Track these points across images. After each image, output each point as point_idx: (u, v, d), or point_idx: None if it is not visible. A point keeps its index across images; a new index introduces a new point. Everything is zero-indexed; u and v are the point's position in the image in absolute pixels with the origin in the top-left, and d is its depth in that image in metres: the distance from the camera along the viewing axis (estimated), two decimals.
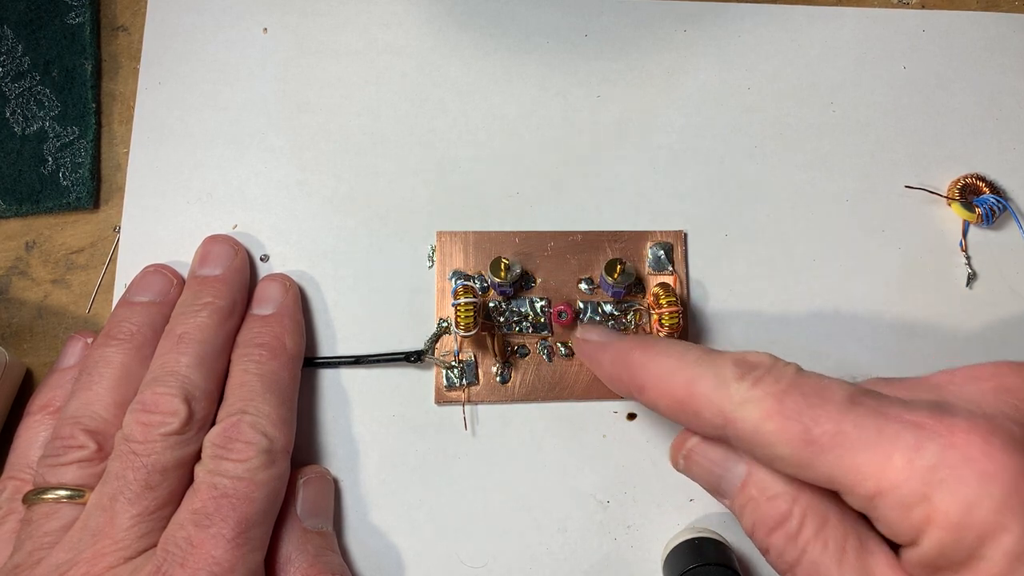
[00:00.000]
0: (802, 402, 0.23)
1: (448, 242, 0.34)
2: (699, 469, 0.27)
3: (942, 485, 0.20)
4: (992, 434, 0.20)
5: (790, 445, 0.22)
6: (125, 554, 0.26)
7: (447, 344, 0.33)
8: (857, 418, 0.22)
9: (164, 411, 0.28)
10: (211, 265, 0.32)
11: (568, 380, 0.33)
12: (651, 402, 0.26)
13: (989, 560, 0.20)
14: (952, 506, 0.20)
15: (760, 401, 0.23)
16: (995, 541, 0.20)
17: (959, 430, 0.21)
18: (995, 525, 0.20)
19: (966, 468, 0.20)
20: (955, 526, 0.20)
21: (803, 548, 0.24)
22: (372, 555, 0.31)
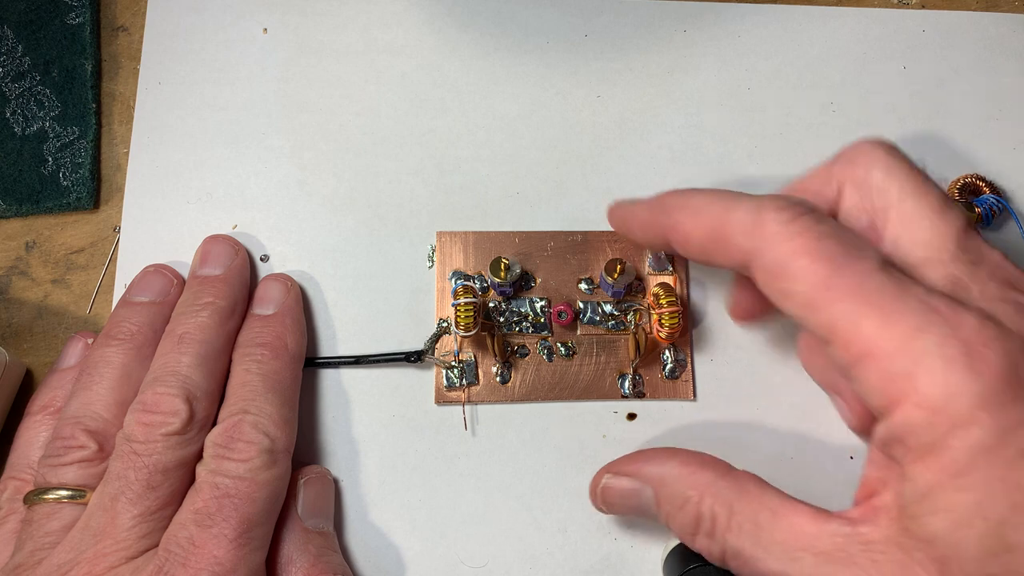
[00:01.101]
0: (838, 249, 0.23)
1: (448, 242, 0.34)
2: (616, 500, 0.29)
3: (931, 369, 0.21)
4: (995, 339, 0.21)
5: (811, 285, 0.23)
6: (127, 554, 0.26)
7: (447, 344, 0.33)
8: (881, 282, 0.22)
9: (165, 411, 0.28)
10: (212, 265, 0.32)
11: (568, 380, 0.33)
12: (684, 237, 0.27)
13: (953, 449, 0.20)
14: (934, 390, 0.21)
15: (797, 236, 0.24)
16: (964, 432, 0.20)
17: (967, 326, 0.21)
18: (969, 418, 0.20)
19: (959, 361, 0.21)
20: (930, 408, 0.21)
21: (722, 541, 0.25)
22: (372, 555, 0.31)
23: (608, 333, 0.33)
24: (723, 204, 0.26)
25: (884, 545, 0.22)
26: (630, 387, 0.33)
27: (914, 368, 0.21)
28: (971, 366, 0.21)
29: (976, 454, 0.20)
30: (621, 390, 0.33)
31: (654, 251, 0.34)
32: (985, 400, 0.20)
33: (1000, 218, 0.35)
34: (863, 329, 0.22)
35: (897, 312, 0.22)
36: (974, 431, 0.20)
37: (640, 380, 0.33)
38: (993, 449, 0.20)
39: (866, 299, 0.22)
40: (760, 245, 0.24)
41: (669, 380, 0.33)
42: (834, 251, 0.23)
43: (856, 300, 0.22)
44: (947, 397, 0.21)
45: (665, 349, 0.33)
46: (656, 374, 0.33)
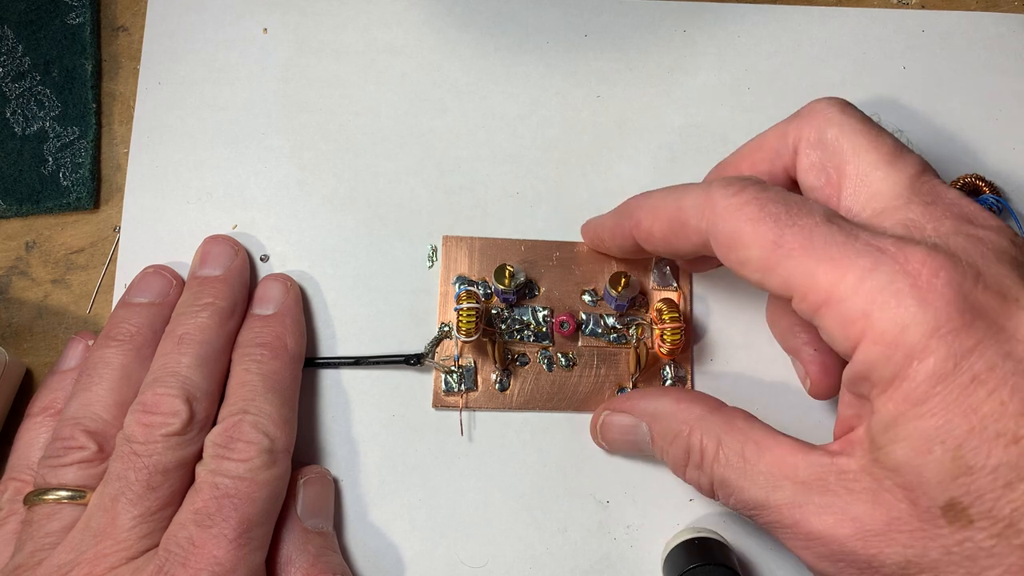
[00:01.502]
0: (782, 210, 0.24)
1: (453, 247, 0.34)
2: (614, 436, 0.31)
3: (884, 306, 0.22)
4: (943, 268, 0.22)
5: (761, 247, 0.24)
6: (127, 554, 0.26)
7: (448, 348, 0.33)
8: (828, 233, 0.24)
9: (165, 412, 0.28)
10: (211, 265, 0.32)
11: (567, 391, 0.33)
12: (647, 232, 0.29)
13: (911, 380, 0.21)
14: (887, 325, 0.22)
15: (743, 206, 0.25)
16: (920, 362, 0.21)
17: (914, 259, 0.22)
18: (923, 347, 0.21)
19: (909, 294, 0.22)
20: (887, 343, 0.22)
21: (710, 472, 0.27)
22: (372, 555, 0.31)
23: (609, 346, 0.33)
24: (676, 195, 0.28)
25: (858, 475, 0.23)
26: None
27: (868, 307, 0.22)
28: (921, 298, 0.22)
29: (933, 382, 0.21)
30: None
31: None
32: (937, 329, 0.21)
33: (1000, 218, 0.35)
34: (818, 279, 0.23)
35: (846, 258, 0.23)
36: (929, 360, 0.21)
37: None
38: (948, 376, 0.21)
39: (815, 251, 0.23)
40: (713, 222, 0.26)
41: None
42: (778, 212, 0.24)
43: (806, 254, 0.23)
44: (900, 330, 0.22)
45: (666, 365, 0.33)
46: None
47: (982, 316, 0.21)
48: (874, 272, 0.22)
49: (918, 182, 0.25)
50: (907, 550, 0.22)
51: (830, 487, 0.24)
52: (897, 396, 0.22)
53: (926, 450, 0.21)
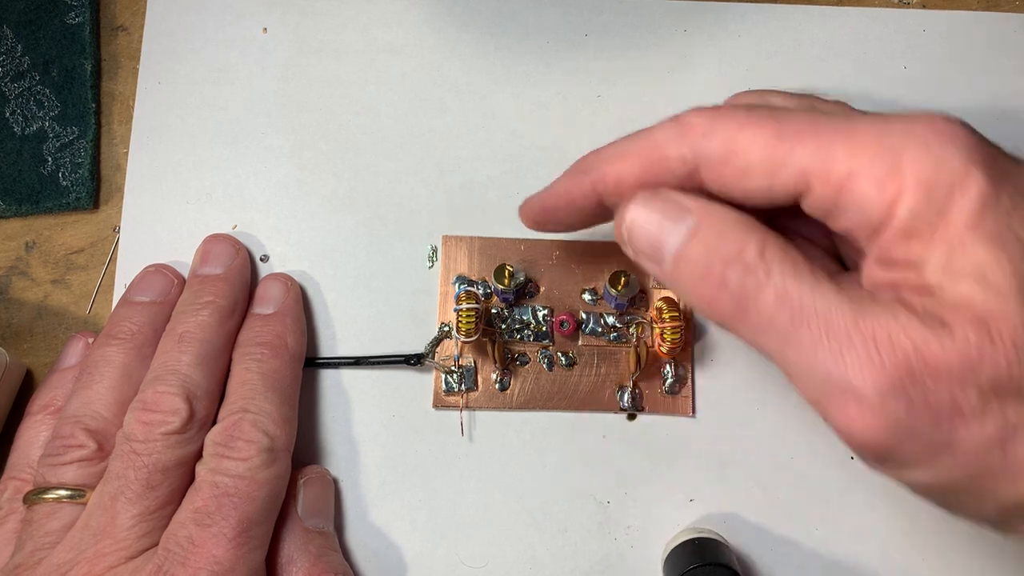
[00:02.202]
0: (770, 112, 0.23)
1: (453, 246, 0.34)
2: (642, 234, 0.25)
3: (912, 154, 0.21)
4: (952, 121, 0.22)
5: (763, 147, 0.23)
6: (126, 554, 0.26)
7: (447, 348, 0.33)
8: (829, 115, 0.23)
9: (165, 410, 0.28)
10: (212, 264, 0.32)
11: (567, 391, 0.33)
12: (615, 182, 0.26)
13: (961, 209, 0.21)
14: (923, 168, 0.21)
15: (729, 118, 0.24)
16: (964, 190, 0.21)
17: (920, 118, 0.22)
18: (963, 174, 0.21)
19: (933, 140, 0.21)
20: (927, 184, 0.21)
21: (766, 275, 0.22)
22: (372, 555, 0.31)
23: (609, 345, 0.33)
24: (643, 133, 0.26)
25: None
26: (629, 400, 0.32)
27: (897, 160, 0.21)
28: (945, 140, 0.21)
29: (982, 207, 0.21)
30: (620, 403, 0.33)
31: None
32: (970, 159, 0.21)
33: None
34: (836, 156, 0.22)
35: (857, 129, 0.22)
36: (972, 188, 0.21)
37: (639, 394, 0.33)
38: (994, 199, 0.21)
39: (823, 132, 0.22)
40: (698, 143, 0.24)
41: (669, 395, 0.33)
42: (766, 113, 0.23)
43: (814, 135, 0.23)
44: (937, 167, 0.21)
45: (666, 364, 0.33)
46: (656, 388, 0.33)
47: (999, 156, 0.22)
48: (889, 132, 0.22)
49: None
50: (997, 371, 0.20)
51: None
52: (949, 232, 0.21)
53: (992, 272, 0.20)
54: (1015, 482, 0.20)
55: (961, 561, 0.32)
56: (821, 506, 0.32)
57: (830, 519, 0.32)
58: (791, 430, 0.33)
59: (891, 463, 0.22)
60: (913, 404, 0.20)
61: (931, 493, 0.22)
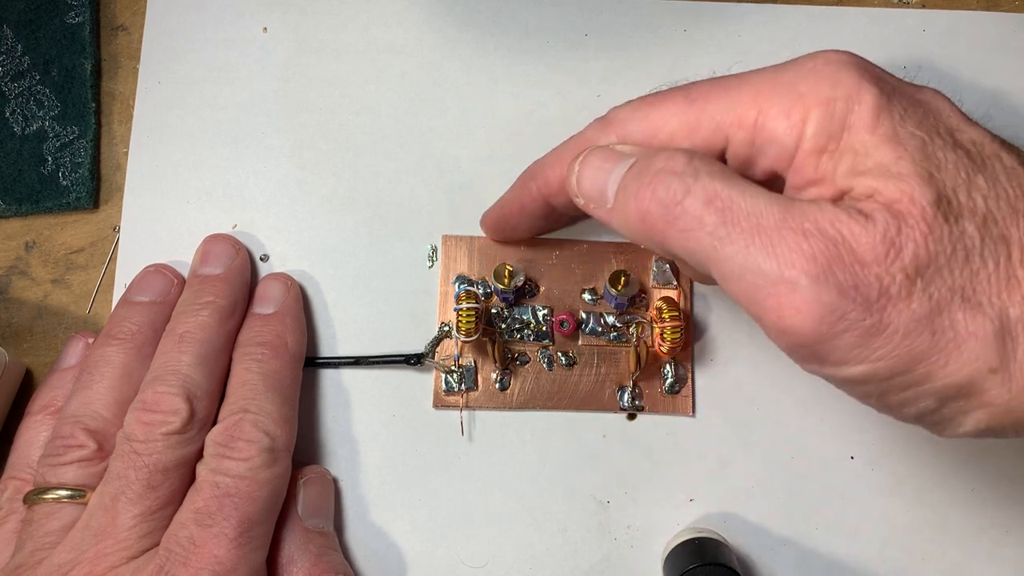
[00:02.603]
0: (677, 87, 0.26)
1: (453, 246, 0.34)
2: (587, 179, 0.27)
3: (808, 80, 0.24)
4: (836, 51, 0.24)
5: (676, 112, 0.25)
6: (127, 554, 0.26)
7: (447, 348, 0.33)
8: (727, 76, 0.25)
9: (165, 410, 0.28)
10: (212, 264, 0.32)
11: (567, 390, 0.33)
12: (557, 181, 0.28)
13: (861, 116, 0.23)
14: (821, 88, 0.23)
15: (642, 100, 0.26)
16: (860, 100, 0.23)
17: (810, 55, 0.24)
18: (856, 88, 0.23)
19: (822, 66, 0.24)
20: (826, 101, 0.23)
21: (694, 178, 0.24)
22: (372, 555, 0.31)
23: (609, 345, 0.33)
24: (572, 138, 0.28)
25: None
26: (629, 400, 0.33)
27: (797, 91, 0.24)
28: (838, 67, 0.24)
29: (878, 111, 0.23)
30: (620, 402, 0.33)
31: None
32: (863, 76, 0.23)
33: None
34: (743, 103, 0.24)
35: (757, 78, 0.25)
36: (867, 97, 0.23)
37: (639, 393, 0.33)
38: (887, 105, 0.23)
39: (728, 87, 0.25)
40: (622, 127, 0.27)
41: (669, 395, 0.33)
42: (675, 89, 0.26)
43: (721, 93, 0.25)
44: (833, 86, 0.23)
45: (666, 363, 0.33)
46: (656, 388, 0.33)
47: (886, 75, 0.24)
48: (788, 71, 0.24)
49: None
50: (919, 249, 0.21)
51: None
52: (852, 137, 0.23)
53: (897, 159, 0.22)
54: (946, 362, 0.21)
55: (961, 561, 0.32)
56: (821, 506, 0.32)
57: (830, 519, 0.32)
58: (791, 430, 0.33)
59: (825, 358, 0.22)
60: (844, 289, 0.21)
61: (867, 389, 0.23)
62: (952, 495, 0.32)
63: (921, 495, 0.32)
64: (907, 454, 0.32)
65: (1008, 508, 0.32)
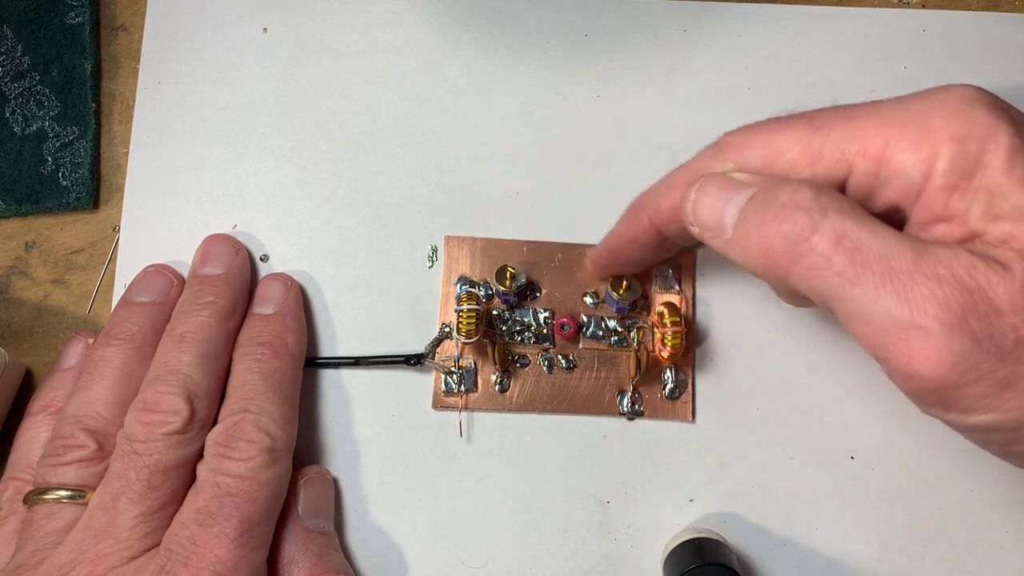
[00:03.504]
0: (797, 113, 0.26)
1: (455, 247, 0.34)
2: (704, 208, 0.26)
3: (937, 115, 0.23)
4: (966, 85, 0.24)
5: (799, 140, 0.25)
6: (128, 554, 0.26)
7: (448, 349, 0.33)
8: (851, 105, 0.25)
9: (166, 410, 0.28)
10: (212, 264, 0.32)
11: (567, 393, 0.33)
12: (668, 209, 0.28)
13: (993, 158, 0.22)
14: (952, 124, 0.23)
15: (760, 124, 0.26)
16: (995, 140, 0.22)
17: (941, 88, 0.24)
18: (992, 127, 0.22)
19: (953, 101, 0.23)
20: (959, 138, 0.22)
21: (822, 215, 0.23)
22: (372, 555, 0.31)
23: (610, 349, 0.33)
24: (683, 165, 0.28)
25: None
26: (629, 404, 0.32)
27: (927, 124, 0.23)
28: (971, 103, 0.23)
29: (1014, 153, 0.22)
30: (619, 407, 0.33)
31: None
32: (998, 115, 0.23)
33: None
34: (870, 133, 0.24)
35: (885, 108, 0.24)
36: (1002, 138, 0.22)
37: (639, 398, 0.33)
38: (1021, 149, 0.22)
39: (855, 116, 0.24)
40: (739, 152, 0.26)
41: (669, 400, 0.33)
42: (795, 115, 0.26)
43: (848, 121, 0.24)
44: (967, 124, 0.22)
45: (667, 369, 0.33)
46: (656, 393, 0.33)
47: (1018, 112, 0.23)
48: (917, 103, 0.23)
49: None
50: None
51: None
52: (986, 178, 0.22)
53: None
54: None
55: (961, 562, 0.32)
56: (821, 506, 0.32)
57: (830, 519, 0.32)
58: (791, 430, 0.33)
59: (952, 405, 0.22)
60: (978, 339, 0.21)
61: (993, 437, 0.22)
62: (952, 496, 0.32)
63: (921, 495, 0.32)
64: (907, 455, 0.32)
65: (1008, 509, 0.32)
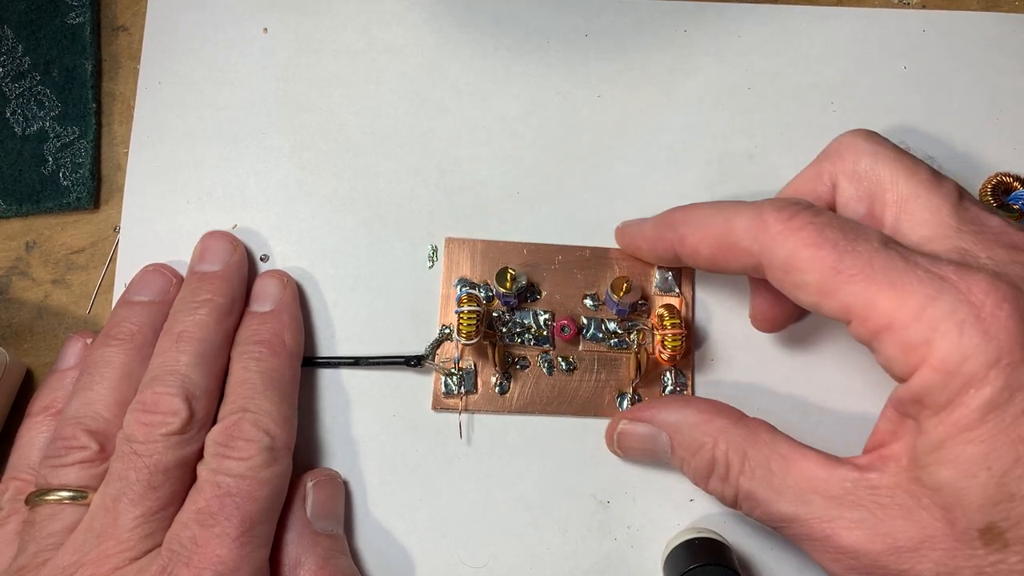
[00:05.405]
0: (839, 235, 0.24)
1: (456, 249, 0.34)
2: (632, 445, 0.30)
3: (946, 335, 0.22)
4: (1006, 300, 0.22)
5: (820, 272, 0.24)
6: (130, 555, 0.26)
7: (448, 350, 0.33)
8: (887, 259, 0.24)
9: (164, 411, 0.28)
10: (210, 261, 0.32)
11: (567, 395, 0.33)
12: (692, 249, 0.29)
13: (965, 406, 0.22)
14: (949, 354, 0.22)
15: (799, 230, 0.25)
16: (978, 391, 0.22)
17: (977, 289, 0.22)
18: (982, 377, 0.22)
19: (973, 325, 0.22)
20: (947, 371, 0.22)
21: (735, 484, 0.27)
22: (372, 555, 0.31)
23: (610, 351, 0.33)
24: (725, 214, 0.27)
25: (891, 491, 0.24)
26: (629, 407, 0.32)
27: (931, 335, 0.22)
28: (984, 329, 0.22)
29: (986, 411, 0.22)
30: (619, 409, 0.33)
31: (663, 266, 0.34)
32: (998, 360, 0.22)
33: None
34: (878, 305, 0.23)
35: (908, 284, 0.23)
36: (985, 389, 0.22)
37: (639, 400, 0.33)
38: (1001, 406, 0.22)
39: (876, 276, 0.23)
40: (767, 245, 0.26)
41: None
42: (836, 237, 0.24)
43: (867, 279, 0.24)
44: (962, 360, 0.22)
45: (666, 371, 0.33)
46: (656, 395, 0.33)
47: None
48: (937, 300, 0.23)
49: (960, 208, 0.25)
50: (939, 567, 0.22)
51: (861, 502, 0.24)
52: (949, 420, 0.22)
53: (971, 474, 0.22)
54: None
55: None
56: None
57: None
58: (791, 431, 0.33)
59: None
60: None
61: None
62: None
63: None
64: None
65: None
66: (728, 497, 0.27)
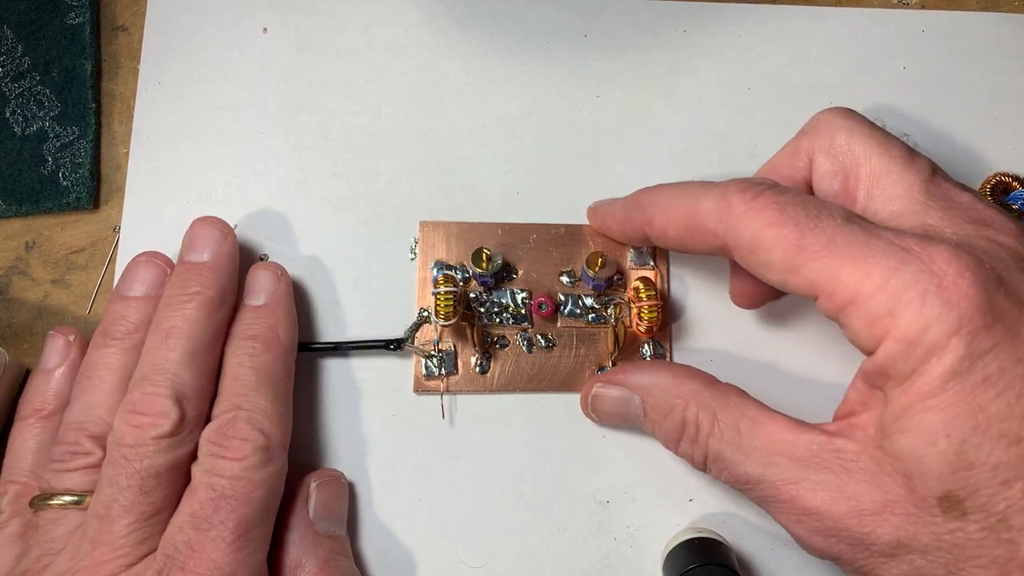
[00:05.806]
0: (801, 212, 0.25)
1: (431, 232, 0.34)
2: (605, 408, 0.31)
3: (909, 305, 0.22)
4: (968, 268, 0.22)
5: (784, 250, 0.25)
6: (125, 561, 0.26)
7: (427, 333, 0.33)
8: (850, 234, 0.24)
9: (154, 412, 0.27)
10: (199, 250, 0.31)
11: (547, 372, 0.33)
12: (660, 231, 0.29)
13: (927, 375, 0.22)
14: (912, 324, 0.22)
15: (762, 210, 0.25)
16: (939, 359, 0.22)
17: (939, 259, 0.23)
18: (943, 346, 0.22)
19: (935, 294, 0.22)
20: (909, 341, 0.22)
21: (704, 446, 0.27)
22: (371, 555, 0.31)
23: (588, 326, 0.33)
24: (691, 196, 0.28)
25: (856, 456, 0.24)
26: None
27: (894, 306, 0.23)
28: (946, 299, 0.22)
29: (946, 379, 0.22)
30: None
31: (634, 246, 0.34)
32: (959, 329, 0.22)
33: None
34: (843, 279, 0.24)
35: (871, 257, 0.23)
36: (947, 358, 0.22)
37: None
38: (962, 374, 0.22)
39: (839, 251, 0.24)
40: (732, 226, 0.26)
41: None
42: (798, 215, 0.25)
43: (830, 254, 0.24)
44: (923, 329, 0.22)
45: (644, 343, 0.33)
46: None
47: (1001, 319, 0.22)
48: (900, 271, 0.23)
49: (931, 184, 0.26)
50: (899, 532, 0.23)
51: (826, 465, 0.24)
52: (911, 389, 0.23)
53: (931, 442, 0.22)
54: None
55: None
56: None
57: None
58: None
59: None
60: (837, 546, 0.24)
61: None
62: None
63: None
64: None
65: None
66: (697, 459, 0.28)
